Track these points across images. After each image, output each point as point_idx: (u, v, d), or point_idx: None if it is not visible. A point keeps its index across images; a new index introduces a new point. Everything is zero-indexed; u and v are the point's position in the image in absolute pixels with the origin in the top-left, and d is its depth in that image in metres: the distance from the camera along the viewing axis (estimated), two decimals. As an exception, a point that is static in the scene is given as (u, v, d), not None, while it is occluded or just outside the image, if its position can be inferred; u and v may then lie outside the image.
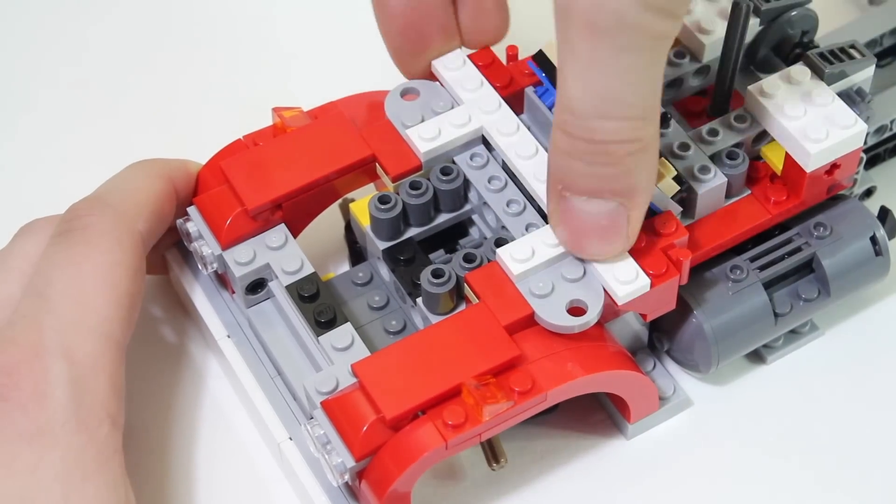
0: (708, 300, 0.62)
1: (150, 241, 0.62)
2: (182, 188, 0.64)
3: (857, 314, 0.67)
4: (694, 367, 0.64)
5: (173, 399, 0.65)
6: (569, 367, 0.58)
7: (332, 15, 0.80)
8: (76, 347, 0.56)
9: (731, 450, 0.63)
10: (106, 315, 0.58)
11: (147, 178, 0.62)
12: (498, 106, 0.64)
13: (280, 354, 0.62)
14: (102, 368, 0.56)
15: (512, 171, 0.63)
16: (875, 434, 0.64)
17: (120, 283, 0.58)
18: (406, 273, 0.62)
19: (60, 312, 0.57)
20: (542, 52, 0.64)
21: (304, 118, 0.65)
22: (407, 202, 0.62)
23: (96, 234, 0.59)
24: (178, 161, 0.64)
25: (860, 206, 0.65)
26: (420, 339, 0.58)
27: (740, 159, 0.62)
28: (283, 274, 0.62)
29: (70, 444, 0.54)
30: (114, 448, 0.56)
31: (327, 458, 0.56)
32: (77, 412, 0.55)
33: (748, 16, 0.61)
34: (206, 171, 0.65)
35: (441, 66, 0.65)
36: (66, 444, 0.54)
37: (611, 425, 0.64)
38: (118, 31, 0.80)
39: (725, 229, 0.62)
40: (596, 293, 0.58)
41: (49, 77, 0.78)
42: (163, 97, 0.77)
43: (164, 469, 0.63)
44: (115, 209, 0.60)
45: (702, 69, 0.65)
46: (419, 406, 0.56)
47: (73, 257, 0.58)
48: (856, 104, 0.63)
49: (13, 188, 0.73)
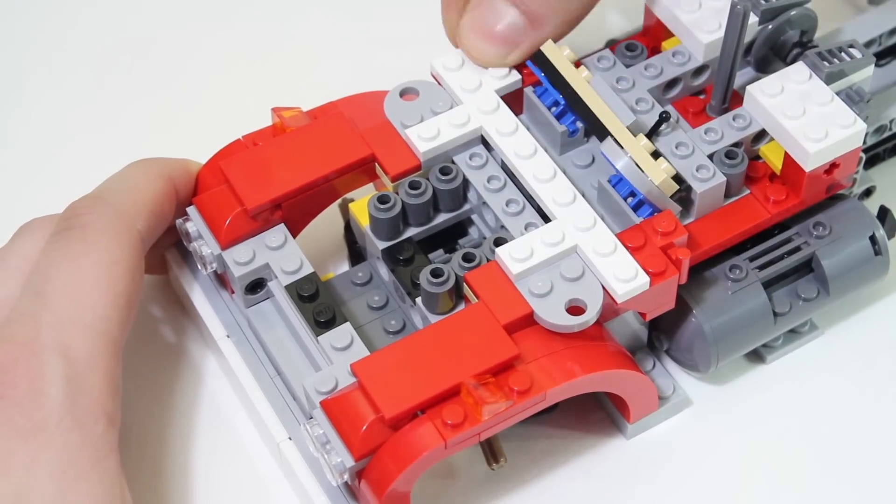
0: (707, 300, 0.62)
1: (150, 240, 0.62)
2: (182, 187, 0.63)
3: (857, 314, 0.67)
4: (693, 366, 0.64)
5: (172, 399, 0.65)
6: (568, 367, 0.58)
7: (332, 15, 0.80)
8: (73, 345, 0.56)
9: (730, 449, 0.63)
10: (103, 313, 0.57)
11: (147, 177, 0.62)
12: (497, 106, 0.64)
13: (279, 354, 0.62)
14: (99, 366, 0.56)
15: (511, 171, 0.63)
16: (875, 433, 0.64)
17: (118, 282, 0.58)
18: (405, 273, 0.62)
19: (57, 310, 0.57)
20: (541, 52, 0.64)
21: (304, 118, 0.65)
22: (406, 202, 0.62)
23: (95, 232, 0.59)
24: (179, 160, 0.64)
25: (859, 205, 0.65)
26: (419, 338, 0.58)
27: (739, 159, 0.62)
28: (282, 274, 0.62)
29: (66, 441, 0.54)
30: (110, 446, 0.56)
31: (327, 457, 0.56)
32: (73, 410, 0.55)
33: (747, 16, 0.61)
34: (206, 171, 0.65)
35: (440, 66, 0.65)
36: (61, 441, 0.54)
37: (610, 425, 0.64)
38: (118, 30, 0.80)
39: (724, 229, 0.62)
40: (595, 292, 0.58)
41: (49, 76, 0.78)
42: (163, 97, 0.77)
43: (163, 468, 0.63)
44: (114, 208, 0.60)
45: (701, 69, 0.65)
46: (418, 405, 0.56)
47: (71, 255, 0.58)
48: (855, 104, 0.63)
49: (13, 188, 0.73)
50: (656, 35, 0.67)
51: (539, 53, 0.64)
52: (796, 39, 0.66)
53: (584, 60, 0.65)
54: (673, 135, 0.63)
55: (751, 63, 0.66)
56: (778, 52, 0.66)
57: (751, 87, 0.62)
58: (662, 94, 0.65)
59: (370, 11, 0.80)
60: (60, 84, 0.77)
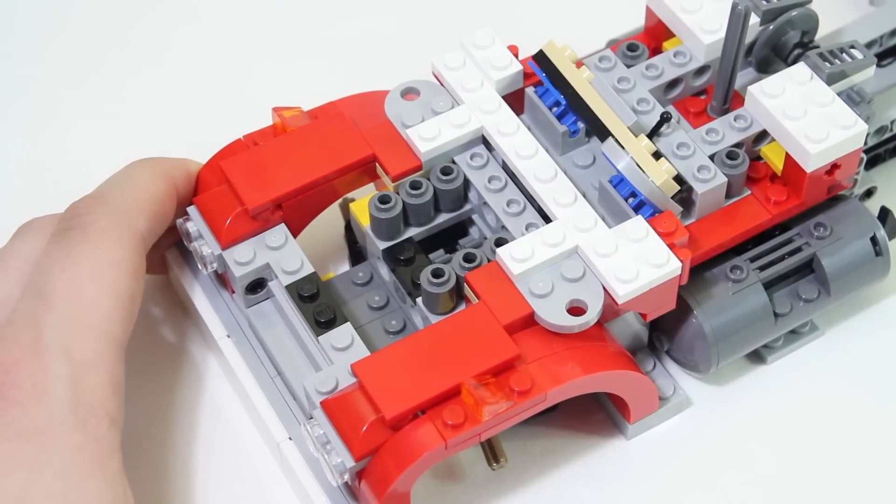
0: (708, 300, 0.62)
1: (151, 240, 0.62)
2: (182, 187, 0.63)
3: (858, 314, 0.67)
4: (694, 367, 0.64)
5: (173, 399, 0.65)
6: (568, 367, 0.58)
7: (333, 15, 0.80)
8: (75, 345, 0.56)
9: (730, 450, 0.63)
10: (105, 313, 0.57)
11: (148, 177, 0.62)
12: (498, 106, 0.64)
13: (280, 354, 0.62)
14: (102, 366, 0.56)
15: (512, 171, 0.63)
16: (876, 434, 0.64)
17: (120, 282, 0.58)
18: (406, 273, 0.62)
19: (60, 310, 0.56)
20: (542, 52, 0.64)
21: (305, 118, 0.65)
22: (407, 202, 0.62)
23: (96, 232, 0.59)
24: (179, 160, 0.64)
25: (860, 206, 0.65)
26: (420, 338, 0.58)
27: (740, 159, 0.62)
28: (282, 274, 0.62)
29: (69, 441, 0.54)
30: (112, 446, 0.55)
31: (327, 457, 0.56)
32: (76, 410, 0.55)
33: (748, 16, 0.61)
34: (207, 171, 0.65)
35: (442, 65, 0.65)
36: (64, 441, 0.54)
37: (610, 425, 0.64)
38: (119, 30, 0.80)
39: (725, 229, 0.62)
40: (596, 293, 0.58)
41: (50, 76, 0.78)
42: (163, 97, 0.77)
43: (163, 468, 0.63)
44: (115, 208, 0.60)
45: (702, 69, 0.65)
46: (419, 406, 0.56)
47: (73, 255, 0.58)
48: (856, 104, 0.63)
49: (13, 188, 0.73)
50: (657, 35, 0.67)
51: (540, 54, 0.64)
52: (797, 40, 0.66)
53: (585, 60, 0.65)
54: (674, 135, 0.62)
55: (752, 63, 0.66)
56: (779, 52, 0.66)
57: (752, 87, 0.62)
58: (664, 95, 0.65)
59: (371, 11, 0.80)
60: (61, 83, 0.77)
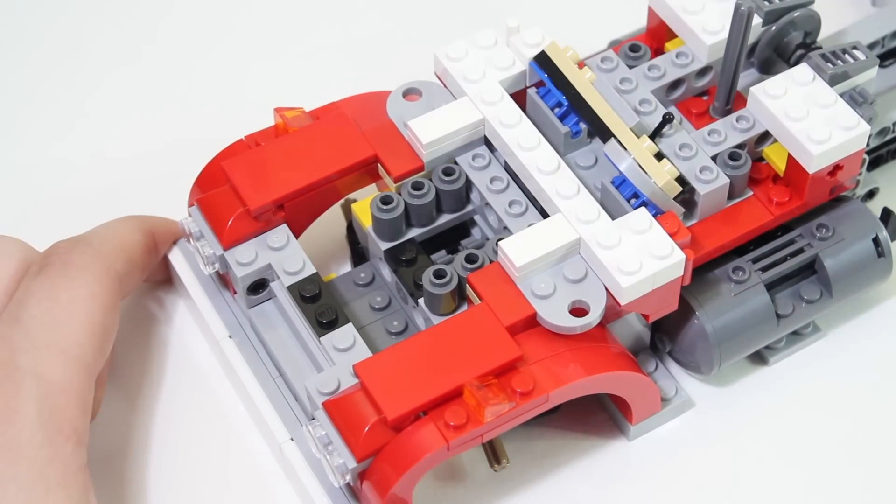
0: (710, 301, 0.62)
1: (127, 283, 0.63)
2: (162, 243, 0.65)
3: (860, 316, 0.67)
4: (696, 368, 0.64)
5: (174, 399, 0.65)
6: (571, 369, 0.58)
7: (334, 15, 0.80)
8: (47, 368, 0.57)
9: (732, 451, 0.63)
10: (78, 339, 0.59)
11: (128, 228, 0.64)
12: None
13: (281, 355, 0.62)
14: (72, 389, 0.57)
15: (514, 172, 0.63)
16: (877, 435, 0.64)
17: (95, 313, 0.59)
18: (408, 273, 0.62)
19: (33, 335, 0.58)
20: (543, 53, 0.64)
21: (306, 118, 0.65)
22: (409, 203, 0.62)
23: (76, 268, 0.60)
24: (162, 219, 0.66)
25: (863, 207, 0.65)
26: (422, 339, 0.58)
27: (743, 160, 0.62)
28: (284, 274, 0.62)
29: (35, 457, 0.55)
30: (78, 464, 0.56)
31: (329, 458, 0.56)
32: (44, 428, 0.56)
33: (751, 17, 0.61)
34: (208, 172, 0.65)
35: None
36: (31, 457, 0.55)
37: (612, 426, 0.64)
38: (119, 30, 0.80)
39: (728, 230, 0.62)
40: (598, 294, 0.58)
41: (49, 77, 0.78)
42: (164, 97, 0.77)
43: (165, 469, 0.63)
44: (95, 249, 0.61)
45: (704, 70, 0.65)
46: (421, 407, 0.56)
47: (50, 287, 0.59)
48: (858, 105, 0.63)
49: (13, 188, 0.73)
50: (660, 36, 0.67)
51: (542, 54, 0.64)
52: (800, 41, 0.66)
53: (587, 61, 0.65)
54: (676, 136, 0.62)
55: (754, 64, 0.66)
56: (781, 53, 0.66)
57: (754, 88, 0.62)
58: (666, 96, 0.65)
59: (373, 12, 0.80)
60: (60, 84, 0.77)
